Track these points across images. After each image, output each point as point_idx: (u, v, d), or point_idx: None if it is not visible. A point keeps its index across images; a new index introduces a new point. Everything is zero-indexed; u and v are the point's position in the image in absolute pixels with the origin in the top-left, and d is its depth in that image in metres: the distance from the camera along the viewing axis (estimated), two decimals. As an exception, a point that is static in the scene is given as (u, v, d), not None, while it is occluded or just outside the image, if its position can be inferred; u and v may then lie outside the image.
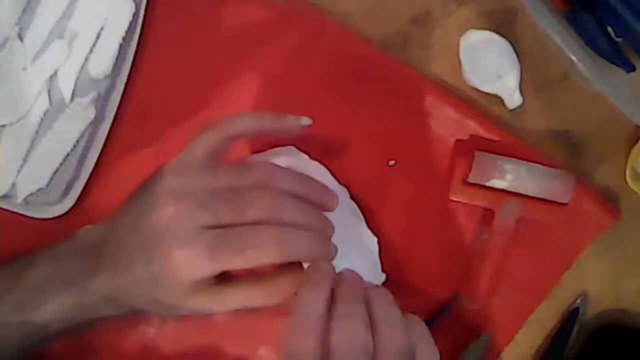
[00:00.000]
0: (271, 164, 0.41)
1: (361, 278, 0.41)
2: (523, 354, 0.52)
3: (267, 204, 0.38)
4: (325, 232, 0.40)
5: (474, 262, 0.50)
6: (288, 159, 0.46)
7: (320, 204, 0.41)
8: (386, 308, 0.38)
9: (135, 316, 0.41)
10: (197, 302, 0.38)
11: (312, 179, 0.42)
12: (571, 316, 0.51)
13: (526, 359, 0.52)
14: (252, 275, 0.39)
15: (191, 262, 0.36)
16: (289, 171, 0.41)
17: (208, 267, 0.37)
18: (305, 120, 0.43)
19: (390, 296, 0.39)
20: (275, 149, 0.49)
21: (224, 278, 0.38)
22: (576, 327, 0.51)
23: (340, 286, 0.39)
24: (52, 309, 0.40)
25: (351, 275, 0.40)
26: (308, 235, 0.39)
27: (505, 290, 0.51)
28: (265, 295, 0.39)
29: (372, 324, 0.37)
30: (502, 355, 0.51)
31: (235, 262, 0.37)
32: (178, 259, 0.36)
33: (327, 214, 0.41)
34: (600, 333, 0.51)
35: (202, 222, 0.37)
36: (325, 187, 0.42)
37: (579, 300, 0.51)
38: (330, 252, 0.40)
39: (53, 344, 0.45)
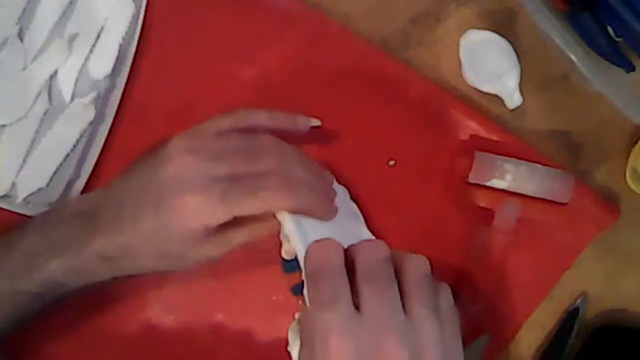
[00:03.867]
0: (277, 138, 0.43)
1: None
2: (523, 354, 0.52)
3: (277, 157, 0.40)
4: (328, 192, 0.43)
5: (474, 262, 0.50)
6: None
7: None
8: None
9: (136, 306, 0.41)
10: (204, 250, 0.40)
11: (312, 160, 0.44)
12: (571, 316, 0.51)
13: (526, 359, 0.52)
14: None
15: (204, 207, 0.38)
16: (289, 145, 0.43)
17: (221, 212, 0.38)
18: (315, 122, 0.45)
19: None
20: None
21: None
22: (576, 327, 0.51)
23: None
24: (45, 275, 0.40)
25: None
26: (313, 189, 0.40)
27: (505, 290, 0.51)
28: (265, 226, 0.41)
29: None
30: (502, 355, 0.51)
31: (248, 205, 0.38)
32: (191, 205, 0.38)
33: None
34: (600, 333, 0.51)
35: (215, 172, 0.38)
36: (323, 169, 0.45)
37: (579, 300, 0.51)
38: (332, 210, 0.42)
39: (53, 333, 0.45)
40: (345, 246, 0.41)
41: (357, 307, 0.34)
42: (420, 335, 0.34)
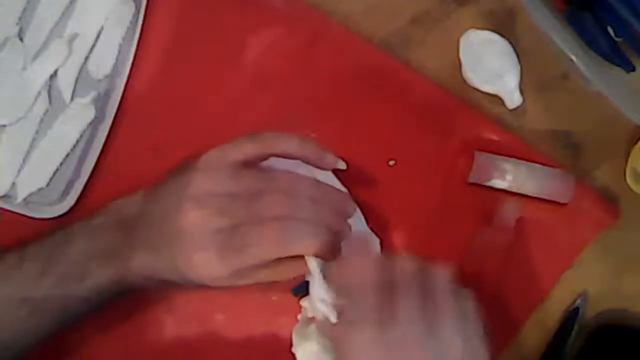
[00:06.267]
0: (293, 173, 0.43)
1: None
2: (523, 354, 0.51)
3: (284, 203, 0.40)
4: (339, 231, 0.42)
5: (474, 262, 0.50)
6: (293, 160, 0.46)
7: (338, 211, 0.43)
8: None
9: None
10: (221, 282, 0.41)
11: (332, 187, 0.44)
12: (571, 316, 0.51)
13: (526, 359, 0.52)
14: None
15: (206, 265, 0.39)
16: (309, 179, 0.43)
17: (221, 269, 0.39)
18: (341, 164, 0.45)
19: None
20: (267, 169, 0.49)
21: None
22: (576, 327, 0.51)
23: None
24: (94, 281, 0.41)
25: None
26: (314, 230, 0.40)
27: (506, 290, 0.51)
28: (273, 275, 0.41)
29: None
30: (502, 355, 0.51)
31: (242, 261, 0.39)
32: (196, 262, 0.40)
33: None
34: (600, 333, 0.51)
35: (219, 226, 0.39)
36: (345, 194, 0.45)
37: (579, 300, 0.51)
38: (336, 252, 0.41)
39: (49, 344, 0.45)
40: (347, 246, 0.41)
41: (388, 316, 0.36)
42: (447, 347, 0.36)
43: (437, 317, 0.37)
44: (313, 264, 0.39)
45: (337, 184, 0.48)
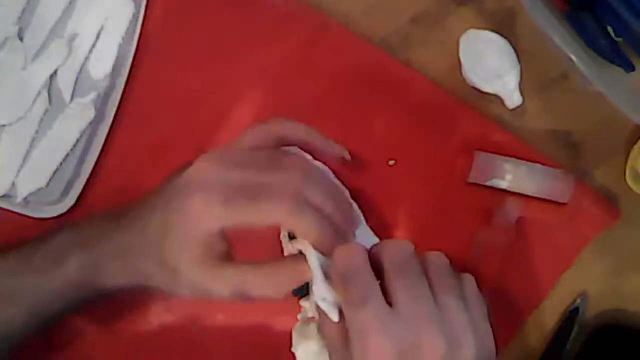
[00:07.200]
0: (309, 162, 0.43)
1: None
2: (523, 354, 0.51)
3: (296, 175, 0.38)
4: (343, 231, 0.40)
5: (474, 262, 0.50)
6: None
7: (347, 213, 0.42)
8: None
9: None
10: (199, 276, 0.38)
11: (344, 195, 0.44)
12: (571, 316, 0.51)
13: (526, 359, 0.52)
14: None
15: (206, 209, 0.37)
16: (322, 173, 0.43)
17: (221, 216, 0.37)
18: (346, 155, 0.45)
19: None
20: (281, 149, 0.49)
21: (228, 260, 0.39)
22: (576, 327, 0.51)
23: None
24: (68, 271, 0.40)
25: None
26: (324, 219, 0.38)
27: (505, 290, 0.51)
28: (265, 284, 0.38)
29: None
30: (502, 355, 0.51)
31: (248, 213, 0.37)
32: (194, 206, 0.37)
33: None
34: (600, 333, 0.51)
35: (227, 178, 0.38)
36: (352, 208, 0.45)
37: (579, 300, 0.51)
38: (333, 246, 0.39)
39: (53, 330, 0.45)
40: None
41: (389, 304, 0.35)
42: (453, 324, 0.35)
43: (439, 295, 0.36)
44: (314, 260, 0.38)
45: (338, 184, 0.48)
